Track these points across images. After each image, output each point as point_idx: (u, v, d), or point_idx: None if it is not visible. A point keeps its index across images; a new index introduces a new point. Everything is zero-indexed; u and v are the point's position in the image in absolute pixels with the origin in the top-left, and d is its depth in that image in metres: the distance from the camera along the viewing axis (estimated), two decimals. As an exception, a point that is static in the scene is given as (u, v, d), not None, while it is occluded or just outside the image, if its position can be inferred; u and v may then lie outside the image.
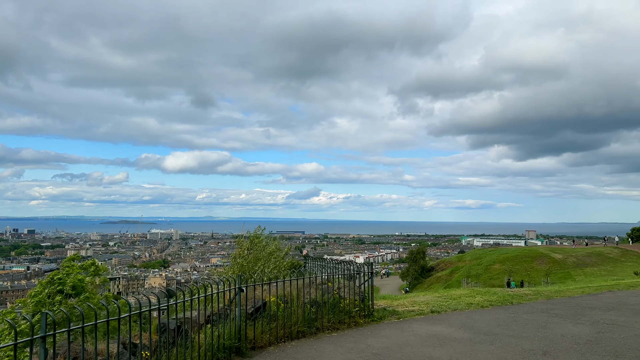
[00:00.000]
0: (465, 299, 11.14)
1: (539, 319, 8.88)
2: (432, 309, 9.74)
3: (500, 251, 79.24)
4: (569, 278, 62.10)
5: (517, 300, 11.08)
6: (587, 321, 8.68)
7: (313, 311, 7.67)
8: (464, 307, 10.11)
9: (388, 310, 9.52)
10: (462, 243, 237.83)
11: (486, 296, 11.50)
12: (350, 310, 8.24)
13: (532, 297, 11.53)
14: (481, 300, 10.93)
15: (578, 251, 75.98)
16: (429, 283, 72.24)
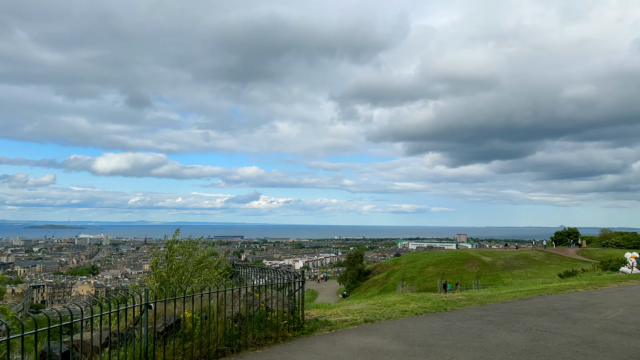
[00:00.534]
0: (399, 306, 10.78)
1: (474, 327, 8.62)
2: (365, 318, 9.27)
3: (433, 254, 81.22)
4: (498, 280, 64.50)
5: (451, 306, 10.85)
6: (520, 328, 8.51)
7: (236, 327, 6.93)
8: (398, 315, 9.72)
9: (320, 320, 8.94)
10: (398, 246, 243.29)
11: (420, 302, 11.21)
12: (279, 323, 7.57)
13: (465, 303, 11.37)
14: (415, 307, 10.61)
15: (506, 254, 79.24)
16: (366, 286, 72.81)
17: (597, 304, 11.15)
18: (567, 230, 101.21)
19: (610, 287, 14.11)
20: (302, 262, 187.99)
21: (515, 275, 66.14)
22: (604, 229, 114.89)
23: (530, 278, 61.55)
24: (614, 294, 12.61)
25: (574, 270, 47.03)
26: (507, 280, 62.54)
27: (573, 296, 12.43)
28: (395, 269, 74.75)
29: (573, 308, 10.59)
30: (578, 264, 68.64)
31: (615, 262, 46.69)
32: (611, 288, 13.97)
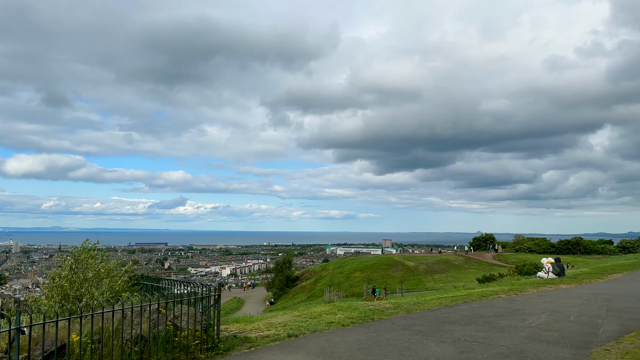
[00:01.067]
0: (325, 316, 10.19)
1: (402, 339, 8.19)
2: (289, 333, 8.57)
3: (360, 259, 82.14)
4: (420, 284, 66.21)
5: (378, 315, 10.43)
6: (449, 339, 8.19)
7: (137, 351, 5.98)
8: (324, 328, 9.13)
9: (239, 337, 8.14)
10: (327, 252, 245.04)
11: (347, 312, 10.70)
12: (189, 344, 6.68)
13: (392, 312, 11.00)
14: (342, 317, 10.07)
15: (428, 259, 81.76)
16: (294, 292, 72.24)
17: (520, 310, 11.19)
18: (484, 236, 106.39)
19: (530, 293, 14.40)
20: (229, 269, 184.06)
21: (437, 280, 68.30)
22: (517, 234, 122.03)
23: (451, 282, 63.77)
24: (535, 300, 12.81)
25: (491, 275, 49.13)
26: (429, 285, 64.46)
27: (496, 302, 12.47)
28: (323, 274, 74.79)
29: (498, 315, 10.52)
30: (494, 268, 72.10)
31: (529, 267, 49.25)
32: (531, 293, 14.25)
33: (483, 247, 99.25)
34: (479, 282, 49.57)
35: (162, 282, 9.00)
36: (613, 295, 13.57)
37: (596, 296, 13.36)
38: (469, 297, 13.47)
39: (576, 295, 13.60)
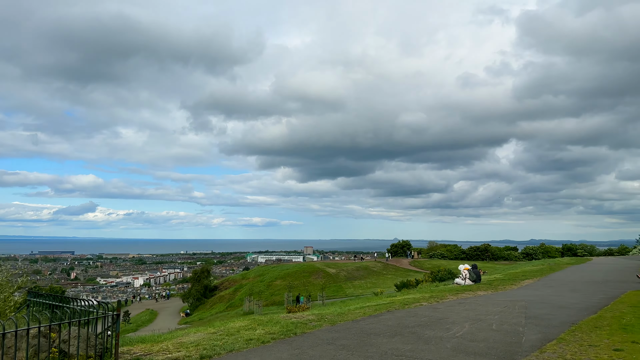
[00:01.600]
0: (244, 333, 9.37)
1: (327, 355, 7.59)
2: (202, 354, 7.66)
3: (281, 267, 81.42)
4: (340, 291, 66.57)
5: (301, 329, 9.77)
6: (375, 353, 7.71)
7: (6, 387, 4.86)
8: (242, 346, 8.30)
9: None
10: (248, 260, 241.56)
11: (268, 327, 9.94)
12: (78, 374, 5.63)
13: (316, 324, 10.39)
14: (262, 333, 9.30)
15: (349, 265, 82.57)
16: (212, 303, 69.90)
17: (443, 319, 11.03)
18: (401, 243, 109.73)
19: (451, 300, 14.44)
20: (142, 279, 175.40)
21: (357, 286, 69.05)
22: (431, 241, 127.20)
23: (370, 288, 64.68)
24: (456, 308, 12.78)
25: (408, 281, 50.35)
26: (349, 291, 64.98)
27: (419, 311, 12.28)
28: (243, 283, 73.16)
29: (422, 325, 10.26)
30: (411, 274, 74.24)
31: (443, 272, 51.08)
32: (452, 301, 14.29)
33: (400, 253, 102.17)
34: (396, 288, 50.60)
35: (57, 299, 7.70)
36: (528, 302, 13.91)
37: (513, 303, 13.62)
38: (392, 306, 13.20)
39: (494, 302, 13.79)
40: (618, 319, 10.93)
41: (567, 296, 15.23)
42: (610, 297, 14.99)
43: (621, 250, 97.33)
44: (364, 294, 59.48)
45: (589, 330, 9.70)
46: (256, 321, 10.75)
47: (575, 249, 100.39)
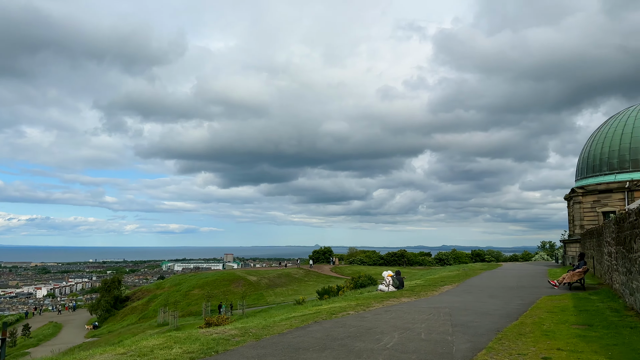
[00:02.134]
0: (159, 352, 8.37)
1: (252, 376, 6.88)
2: (106, 381, 6.66)
3: (200, 276, 79.08)
4: (262, 299, 65.56)
5: (223, 346, 8.94)
6: (305, 372, 7.12)
7: None
8: (155, 369, 7.36)
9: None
10: (163, 268, 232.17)
11: (186, 345, 9.01)
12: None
13: (240, 340, 9.60)
14: (180, 352, 8.37)
15: (270, 272, 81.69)
16: (123, 314, 66.08)
17: (372, 329, 10.67)
18: (323, 249, 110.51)
19: (377, 308, 14.20)
20: (46, 289, 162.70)
21: (278, 294, 68.36)
22: (351, 247, 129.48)
23: (292, 295, 64.21)
24: (383, 316, 12.52)
25: (329, 287, 50.41)
26: (270, 299, 64.12)
27: (347, 320, 11.86)
28: (157, 293, 69.90)
29: (352, 336, 9.81)
30: (332, 280, 74.69)
31: (363, 278, 51.69)
32: (378, 309, 14.05)
33: (322, 259, 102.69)
34: (318, 295, 50.50)
35: None
36: (452, 308, 13.98)
37: (438, 310, 13.62)
38: (319, 316, 12.69)
39: (419, 310, 13.71)
40: (539, 325, 11.16)
41: (487, 302, 15.56)
42: (527, 302, 15.49)
43: (524, 256, 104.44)
44: (285, 302, 58.82)
45: (514, 337, 9.74)
46: (172, 338, 9.75)
47: (483, 255, 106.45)
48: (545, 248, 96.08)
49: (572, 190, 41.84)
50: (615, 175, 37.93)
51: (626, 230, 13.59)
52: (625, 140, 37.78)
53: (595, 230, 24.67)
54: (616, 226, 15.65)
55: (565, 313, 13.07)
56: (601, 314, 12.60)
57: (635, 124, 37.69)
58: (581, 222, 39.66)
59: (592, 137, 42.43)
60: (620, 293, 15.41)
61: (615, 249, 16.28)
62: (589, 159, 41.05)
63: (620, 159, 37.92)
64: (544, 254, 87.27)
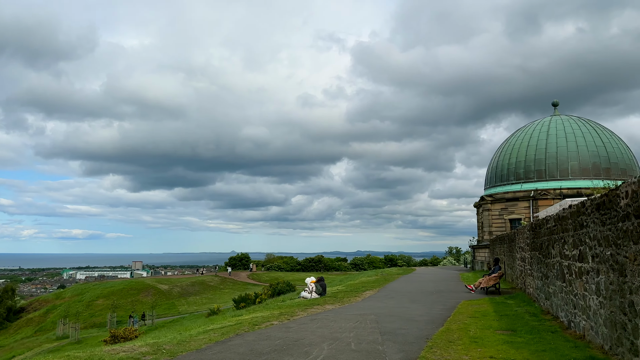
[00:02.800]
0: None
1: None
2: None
3: (105, 285, 74.60)
4: (173, 309, 62.71)
5: (130, 367, 7.78)
6: (229, 395, 6.22)
7: None
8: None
9: None
10: (64, 277, 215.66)
11: (84, 366, 7.74)
12: None
13: (152, 359, 8.46)
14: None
15: (183, 280, 78.53)
16: (17, 327, 60.54)
17: (299, 340, 9.94)
18: (240, 256, 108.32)
19: (301, 317, 13.48)
20: None
21: (191, 303, 65.76)
22: (269, 253, 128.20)
23: (206, 304, 61.92)
24: (309, 326, 11.83)
25: (246, 295, 49.04)
26: (182, 308, 61.43)
27: (272, 332, 11.03)
28: (57, 303, 64.67)
29: (278, 350, 9.01)
30: (250, 287, 73.13)
31: (282, 285, 50.85)
32: (303, 317, 13.34)
33: (239, 266, 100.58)
34: (235, 303, 48.92)
35: None
36: (378, 315, 13.62)
37: (364, 317, 13.18)
38: (240, 328, 11.73)
39: (345, 318, 13.19)
40: (465, 331, 11.04)
41: (411, 308, 15.42)
42: (449, 307, 15.55)
43: (433, 260, 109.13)
44: (199, 311, 56.52)
45: (445, 345, 9.46)
46: (71, 358, 8.38)
47: (396, 260, 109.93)
48: (452, 253, 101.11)
49: (481, 198, 44.05)
50: (522, 185, 40.43)
51: (543, 237, 14.02)
52: (531, 152, 40.45)
53: (506, 236, 25.82)
54: (531, 232, 16.22)
55: (487, 318, 13.17)
56: (521, 319, 12.81)
57: (540, 137, 40.51)
58: (490, 229, 41.80)
59: (500, 148, 45.04)
60: (535, 297, 15.96)
61: (530, 254, 16.88)
62: (497, 169, 43.47)
63: (526, 170, 40.52)
64: (451, 259, 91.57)
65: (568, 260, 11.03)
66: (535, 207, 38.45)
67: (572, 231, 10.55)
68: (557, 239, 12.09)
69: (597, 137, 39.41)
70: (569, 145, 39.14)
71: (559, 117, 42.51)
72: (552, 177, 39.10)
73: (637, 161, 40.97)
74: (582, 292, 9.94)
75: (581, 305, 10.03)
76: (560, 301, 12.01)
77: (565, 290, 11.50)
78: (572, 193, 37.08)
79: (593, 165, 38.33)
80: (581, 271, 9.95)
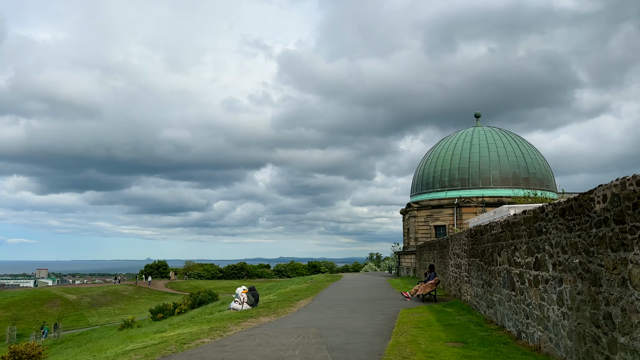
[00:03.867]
0: None
1: None
2: None
3: (4, 294, 68.27)
4: (82, 320, 58.21)
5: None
6: None
7: None
8: None
9: None
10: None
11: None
12: None
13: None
14: None
15: (94, 290, 73.65)
16: None
17: (238, 362, 8.69)
18: (157, 263, 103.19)
19: (236, 333, 12.13)
20: None
21: (103, 314, 61.46)
22: (188, 260, 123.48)
23: (119, 315, 57.97)
24: (247, 343, 10.56)
25: (165, 305, 46.18)
26: (92, 320, 57.09)
27: (205, 352, 9.64)
28: (-56, 317, 57.64)
29: (216, 376, 7.72)
30: (168, 297, 69.55)
31: (203, 294, 48.49)
32: (238, 333, 12.00)
33: (156, 274, 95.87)
34: (151, 314, 45.87)
35: None
36: (319, 327, 12.60)
37: (305, 331, 12.11)
38: (166, 347, 10.21)
39: (285, 332, 12.05)
40: (416, 344, 10.33)
41: (352, 318, 14.57)
42: (390, 317, 14.88)
43: (355, 266, 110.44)
44: (111, 322, 52.62)
45: (401, 362, 8.65)
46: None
47: (319, 266, 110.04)
48: (373, 259, 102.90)
49: (408, 205, 44.73)
50: (446, 192, 41.50)
51: (486, 243, 13.76)
52: (455, 161, 41.66)
53: (437, 243, 25.91)
54: (471, 238, 16.02)
55: (432, 328, 12.61)
56: (467, 329, 12.37)
57: (464, 146, 41.87)
58: (416, 235, 42.45)
59: (426, 156, 46.10)
60: (474, 305, 15.73)
61: (467, 260, 16.70)
62: (423, 176, 44.38)
63: (450, 178, 41.65)
64: (372, 265, 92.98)
65: (519, 268, 10.68)
66: (459, 214, 39.53)
67: (525, 237, 10.18)
68: (505, 245, 11.78)
69: (516, 148, 41.38)
70: (491, 155, 40.76)
71: (481, 128, 44.25)
72: (475, 185, 40.47)
73: (552, 172, 43.62)
74: (538, 302, 9.55)
75: (536, 315, 9.64)
76: (508, 310, 11.67)
77: (514, 299, 11.16)
78: (494, 201, 38.54)
79: (513, 175, 40.15)
80: (537, 280, 9.57)
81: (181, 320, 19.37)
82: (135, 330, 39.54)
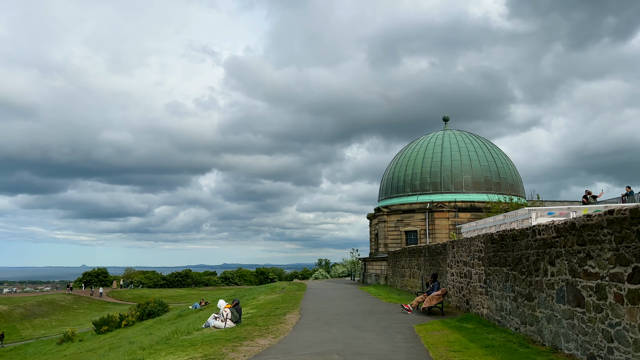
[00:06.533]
0: None
1: None
2: None
3: None
4: (15, 333, 53.28)
5: None
6: None
7: None
8: None
9: None
10: None
11: None
12: None
13: None
14: None
15: (27, 300, 68.03)
16: None
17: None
18: (97, 270, 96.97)
19: (241, 363, 9.58)
20: None
21: (38, 326, 56.33)
22: (128, 268, 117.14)
23: (56, 327, 53.01)
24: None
25: (110, 316, 42.09)
26: (26, 333, 51.94)
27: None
28: None
29: None
30: (110, 307, 64.64)
31: (153, 305, 44.68)
32: (244, 364, 9.46)
33: (95, 282, 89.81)
34: (95, 326, 41.59)
35: None
36: (342, 354, 10.21)
37: (327, 358, 9.77)
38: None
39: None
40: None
41: (368, 339, 12.31)
42: (409, 336, 12.76)
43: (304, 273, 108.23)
44: (48, 335, 47.79)
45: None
46: None
47: (267, 273, 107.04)
48: (322, 265, 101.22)
49: (377, 210, 43.06)
50: (418, 197, 40.16)
51: (524, 250, 11.95)
52: (427, 164, 40.44)
53: (426, 248, 24.15)
54: (493, 245, 14.23)
55: (471, 352, 10.60)
56: (515, 351, 10.44)
57: (435, 149, 40.75)
58: (386, 240, 40.80)
59: (395, 159, 44.67)
60: (496, 320, 13.91)
61: (486, 269, 14.90)
62: (393, 180, 42.88)
63: (422, 182, 40.37)
64: (322, 271, 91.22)
65: (596, 280, 8.87)
66: (431, 219, 38.26)
67: (613, 243, 8.37)
68: (565, 252, 9.98)
69: (487, 152, 40.72)
70: (463, 159, 39.85)
71: (451, 132, 43.38)
72: (447, 189, 39.38)
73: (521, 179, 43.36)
74: (638, 323, 7.75)
75: (632, 339, 7.82)
76: (568, 330, 9.86)
77: (581, 317, 9.35)
78: (466, 206, 37.57)
79: (485, 180, 39.40)
80: (637, 295, 7.77)
81: (140, 336, 16.42)
82: (78, 345, 35.36)
